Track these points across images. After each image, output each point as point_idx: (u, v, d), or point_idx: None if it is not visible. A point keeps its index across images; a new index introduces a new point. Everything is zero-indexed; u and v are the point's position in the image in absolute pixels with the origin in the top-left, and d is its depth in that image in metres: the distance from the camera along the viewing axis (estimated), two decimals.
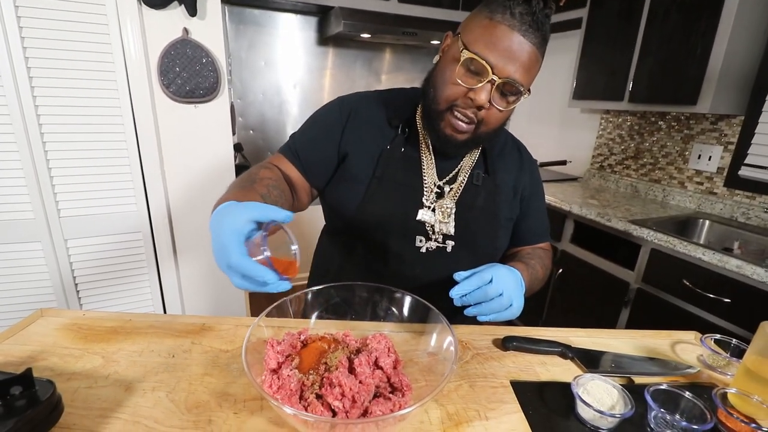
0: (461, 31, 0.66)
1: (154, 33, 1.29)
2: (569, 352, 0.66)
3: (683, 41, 1.63)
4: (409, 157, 0.76)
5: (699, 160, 1.87)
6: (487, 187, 0.78)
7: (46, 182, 1.29)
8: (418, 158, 0.77)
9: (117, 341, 0.65)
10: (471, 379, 0.60)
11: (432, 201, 0.75)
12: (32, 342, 0.64)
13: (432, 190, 0.76)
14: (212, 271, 1.62)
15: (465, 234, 0.76)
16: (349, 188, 0.77)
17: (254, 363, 0.50)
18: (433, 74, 0.70)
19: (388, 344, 0.58)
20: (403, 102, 0.79)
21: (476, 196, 0.77)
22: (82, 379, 0.56)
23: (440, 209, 0.75)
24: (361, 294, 0.65)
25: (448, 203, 0.75)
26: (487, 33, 0.61)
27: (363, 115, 0.78)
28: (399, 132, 0.77)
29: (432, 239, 0.76)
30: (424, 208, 0.75)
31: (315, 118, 0.81)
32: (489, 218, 0.78)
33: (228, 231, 0.47)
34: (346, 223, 0.77)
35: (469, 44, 0.62)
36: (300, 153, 0.78)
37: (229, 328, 0.70)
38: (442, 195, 0.76)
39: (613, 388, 0.55)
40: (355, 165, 0.76)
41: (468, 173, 0.78)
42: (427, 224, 0.75)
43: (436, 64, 0.70)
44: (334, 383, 0.47)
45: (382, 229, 0.75)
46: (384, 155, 0.76)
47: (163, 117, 1.36)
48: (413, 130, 0.78)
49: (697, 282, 1.37)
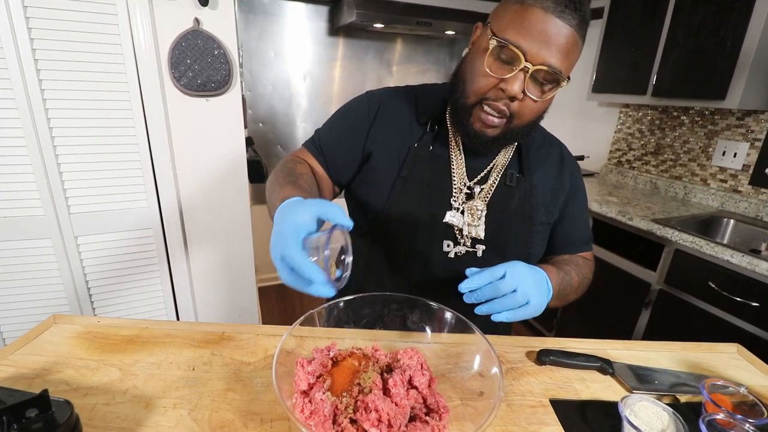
0: (491, 20, 0.61)
1: (164, 24, 1.24)
2: (609, 368, 0.62)
3: (712, 33, 1.56)
4: (437, 155, 0.72)
5: (723, 156, 1.80)
6: (522, 188, 0.73)
7: (55, 178, 1.26)
8: (447, 157, 0.72)
9: (134, 351, 0.62)
10: (508, 396, 0.57)
11: (461, 202, 0.71)
12: (46, 352, 0.62)
13: (461, 191, 0.71)
14: (224, 268, 1.60)
15: (496, 238, 0.72)
16: (374, 188, 0.73)
17: (281, 379, 0.47)
18: (461, 67, 0.66)
19: (421, 360, 0.55)
20: (433, 98, 0.74)
21: (509, 197, 0.72)
22: (99, 395, 0.53)
23: (470, 211, 0.70)
24: (390, 305, 0.61)
25: (479, 205, 0.71)
26: (518, 17, 0.56)
27: (390, 111, 0.74)
28: (427, 129, 0.73)
29: (461, 243, 0.71)
30: (452, 210, 0.70)
31: (342, 114, 0.78)
32: (523, 222, 0.73)
33: (291, 223, 0.48)
34: (370, 224, 0.74)
35: (498, 31, 0.57)
36: (325, 149, 0.75)
37: (249, 337, 0.67)
38: (472, 196, 0.71)
39: (664, 410, 0.51)
40: (380, 164, 0.73)
41: (501, 173, 0.72)
42: (455, 227, 0.71)
43: (465, 57, 0.66)
44: (370, 407, 0.44)
45: (408, 232, 0.71)
46: (411, 154, 0.71)
47: (174, 111, 1.33)
48: (443, 127, 0.73)
49: (723, 284, 1.33)
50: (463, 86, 0.64)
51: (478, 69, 0.60)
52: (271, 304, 2.53)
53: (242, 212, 1.55)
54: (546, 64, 0.56)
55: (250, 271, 1.65)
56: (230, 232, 1.56)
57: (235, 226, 1.56)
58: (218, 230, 1.53)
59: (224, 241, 1.56)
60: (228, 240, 1.56)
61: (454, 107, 0.67)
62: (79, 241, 1.35)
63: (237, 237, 1.58)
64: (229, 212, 1.53)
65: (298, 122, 2.50)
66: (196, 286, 1.57)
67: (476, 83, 0.61)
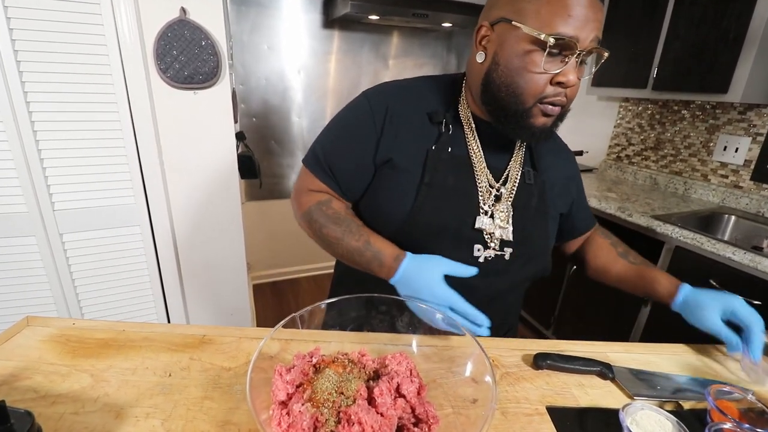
0: (511, 16, 0.57)
1: (149, 13, 1.20)
2: (609, 372, 0.60)
3: (714, 25, 1.52)
4: (457, 157, 0.68)
5: (724, 151, 1.77)
6: (538, 184, 0.72)
7: (38, 174, 1.22)
8: (467, 158, 0.68)
9: (108, 356, 0.59)
10: (502, 404, 0.54)
11: (490, 205, 0.68)
12: (15, 356, 0.58)
13: (490, 194, 0.68)
14: (216, 266, 1.56)
15: (522, 238, 0.69)
16: (395, 195, 0.68)
17: (258, 385, 0.44)
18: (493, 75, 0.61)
19: (410, 366, 0.52)
20: (441, 94, 0.71)
21: (530, 195, 0.70)
22: (68, 403, 0.50)
23: (498, 214, 0.68)
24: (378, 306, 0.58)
25: (505, 207, 0.68)
26: (559, 7, 0.54)
27: (398, 113, 0.68)
28: (443, 129, 0.68)
29: (490, 247, 0.68)
30: (481, 214, 0.67)
31: (345, 126, 0.71)
32: (542, 217, 0.71)
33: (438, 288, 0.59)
34: (391, 235, 0.68)
35: (542, 27, 0.54)
36: (337, 174, 0.70)
37: (232, 341, 0.64)
38: (500, 198, 0.69)
39: (667, 419, 0.49)
40: (401, 170, 0.67)
41: (519, 171, 0.70)
42: (485, 232, 0.67)
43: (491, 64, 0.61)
44: (353, 419, 0.41)
45: (437, 240, 0.67)
46: (430, 157, 0.67)
47: (160, 104, 1.28)
48: (457, 125, 0.69)
49: (724, 282, 1.30)
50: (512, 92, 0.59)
51: (529, 69, 0.57)
52: (266, 302, 2.50)
53: (233, 209, 1.52)
54: (594, 43, 0.56)
55: (241, 268, 1.62)
56: (221, 229, 1.52)
57: (226, 223, 1.52)
58: (209, 227, 1.49)
59: (215, 239, 1.52)
60: (219, 237, 1.53)
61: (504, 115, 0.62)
62: (64, 238, 1.31)
63: (228, 234, 1.54)
64: (220, 209, 1.49)
65: (293, 117, 2.46)
66: (186, 284, 1.53)
67: (531, 85, 0.58)
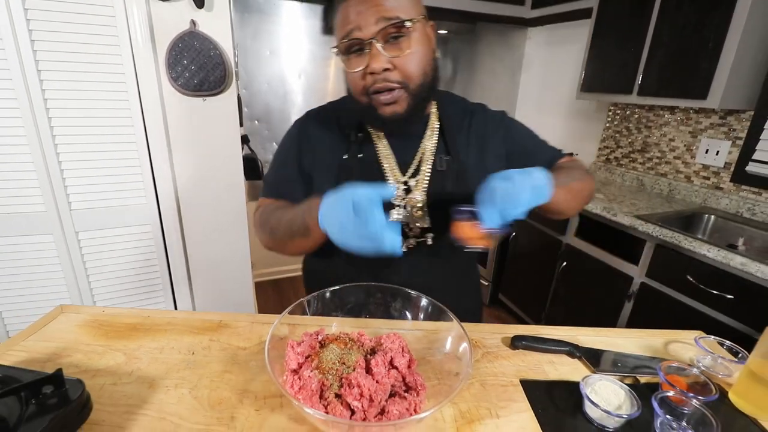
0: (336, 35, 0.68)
1: (161, 25, 1.28)
2: (577, 352, 0.68)
3: (695, 34, 1.60)
4: (367, 161, 0.75)
5: (706, 154, 1.86)
6: (455, 168, 0.75)
7: (56, 175, 1.30)
8: (376, 159, 0.75)
9: (137, 338, 0.67)
10: (482, 377, 0.62)
11: (401, 199, 0.74)
12: (55, 339, 0.66)
13: (399, 188, 0.74)
14: (221, 263, 1.64)
15: (442, 222, 0.73)
16: None
17: (273, 361, 0.52)
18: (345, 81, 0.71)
19: (402, 344, 0.60)
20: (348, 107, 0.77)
21: (444, 181, 0.74)
22: (106, 376, 0.58)
23: (411, 205, 0.74)
24: (375, 294, 0.66)
25: (418, 196, 0.74)
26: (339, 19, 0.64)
27: (313, 133, 0.79)
28: (353, 138, 0.76)
29: (410, 236, 0.76)
30: (394, 209, 0.74)
31: (279, 152, 0.83)
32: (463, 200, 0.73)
33: None
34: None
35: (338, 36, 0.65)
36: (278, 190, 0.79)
37: (246, 325, 0.72)
38: (410, 190, 0.75)
39: (621, 388, 0.57)
40: (319, 183, 0.76)
41: (431, 160, 0.75)
42: (402, 224, 0.74)
43: None
44: (353, 384, 0.49)
45: None
46: (342, 167, 0.75)
47: (171, 110, 1.36)
48: (366, 131, 0.76)
49: (700, 278, 1.39)
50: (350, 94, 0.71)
51: (348, 72, 0.67)
52: (268, 299, 2.58)
53: (238, 208, 1.60)
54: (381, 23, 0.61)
55: (246, 266, 1.70)
56: (227, 228, 1.60)
57: (232, 222, 1.60)
58: (215, 226, 1.57)
59: (221, 237, 1.60)
60: (225, 236, 1.61)
61: (359, 114, 0.73)
62: (80, 236, 1.39)
63: (233, 233, 1.62)
64: (226, 208, 1.57)
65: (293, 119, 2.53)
66: (194, 280, 1.61)
67: (354, 85, 0.67)
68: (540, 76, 2.76)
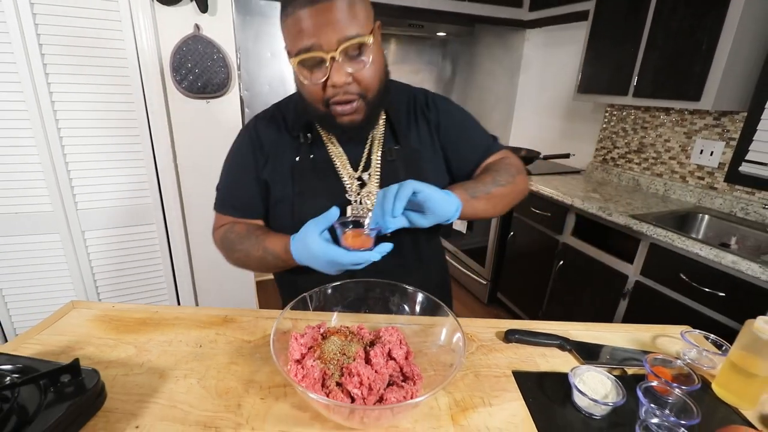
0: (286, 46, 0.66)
1: (166, 29, 1.31)
2: (567, 345, 0.71)
3: (689, 36, 1.63)
4: (319, 160, 0.76)
5: (701, 155, 1.89)
6: (404, 156, 0.76)
7: (63, 176, 1.33)
8: (328, 158, 0.76)
9: (147, 332, 0.70)
10: (476, 369, 0.65)
11: (356, 194, 0.75)
12: (67, 332, 0.69)
13: (353, 184, 0.75)
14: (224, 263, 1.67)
15: None
16: (279, 212, 0.77)
17: (278, 352, 0.55)
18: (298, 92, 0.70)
19: (400, 336, 0.63)
20: (295, 108, 0.77)
21: (396, 170, 0.75)
22: (119, 367, 0.61)
23: (367, 198, 0.75)
24: (374, 289, 0.69)
25: (373, 189, 0.75)
26: (293, 29, 0.61)
27: (264, 137, 0.77)
28: (302, 140, 0.76)
29: None
30: (351, 205, 0.74)
31: (230, 160, 0.81)
32: None
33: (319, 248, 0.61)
34: None
35: (291, 51, 0.63)
36: (237, 205, 0.79)
37: (250, 319, 0.75)
38: (365, 184, 0.76)
39: (607, 378, 0.60)
40: (276, 189, 0.76)
41: (380, 152, 0.76)
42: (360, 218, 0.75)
43: None
44: (353, 373, 0.52)
45: None
46: (296, 169, 0.75)
47: (175, 112, 1.39)
48: (315, 132, 0.77)
49: (693, 276, 1.42)
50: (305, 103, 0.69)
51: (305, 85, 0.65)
52: (269, 297, 2.61)
53: None
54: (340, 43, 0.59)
55: None
56: None
57: None
58: None
59: None
60: None
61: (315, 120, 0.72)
62: (86, 235, 1.42)
63: None
64: None
65: None
66: (197, 280, 1.64)
67: (313, 96, 0.66)
68: (538, 78, 2.79)
